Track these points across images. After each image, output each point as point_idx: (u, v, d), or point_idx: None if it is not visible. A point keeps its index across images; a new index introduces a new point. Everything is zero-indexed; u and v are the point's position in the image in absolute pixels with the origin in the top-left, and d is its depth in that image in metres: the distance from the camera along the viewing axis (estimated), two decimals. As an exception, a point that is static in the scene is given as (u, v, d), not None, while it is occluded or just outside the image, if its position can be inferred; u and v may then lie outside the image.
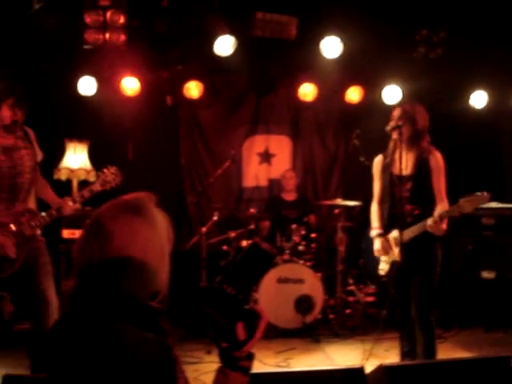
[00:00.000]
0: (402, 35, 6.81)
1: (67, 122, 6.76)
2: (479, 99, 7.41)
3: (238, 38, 6.54)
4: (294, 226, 6.59)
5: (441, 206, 4.13)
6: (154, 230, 1.66)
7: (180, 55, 7.03)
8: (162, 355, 1.54)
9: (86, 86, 6.77)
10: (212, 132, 7.83)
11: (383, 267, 4.41)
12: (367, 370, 2.82)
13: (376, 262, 4.50)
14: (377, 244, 4.44)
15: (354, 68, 7.26)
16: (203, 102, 7.58)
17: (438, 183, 4.19)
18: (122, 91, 7.00)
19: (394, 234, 4.21)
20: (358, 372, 2.79)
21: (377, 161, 4.51)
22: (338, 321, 6.41)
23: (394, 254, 4.26)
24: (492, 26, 6.53)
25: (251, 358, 1.69)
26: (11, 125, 4.10)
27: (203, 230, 6.36)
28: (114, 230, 1.60)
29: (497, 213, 6.45)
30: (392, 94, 7.30)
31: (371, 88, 7.50)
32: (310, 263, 6.49)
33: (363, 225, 5.05)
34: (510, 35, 6.50)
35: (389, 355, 5.21)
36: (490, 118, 7.37)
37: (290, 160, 8.05)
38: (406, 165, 4.19)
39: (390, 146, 4.36)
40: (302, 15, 6.59)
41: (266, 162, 7.99)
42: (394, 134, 4.25)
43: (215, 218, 6.57)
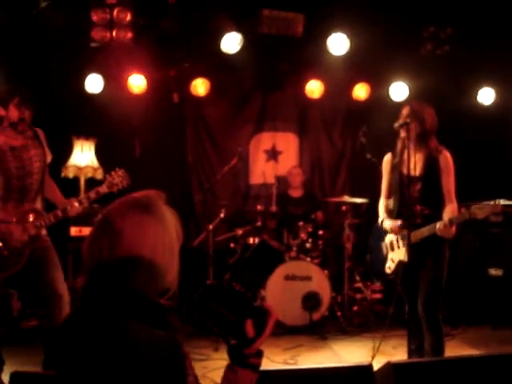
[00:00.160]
0: (409, 32, 6.79)
1: (74, 119, 6.77)
2: (487, 96, 7.39)
3: (244, 35, 6.53)
4: (300, 223, 6.59)
5: (450, 207, 4.12)
6: (163, 228, 1.67)
7: (186, 53, 7.04)
8: (171, 352, 1.54)
9: (93, 83, 6.78)
10: (219, 129, 7.84)
11: (390, 265, 4.41)
12: (374, 368, 2.82)
13: (383, 258, 4.49)
14: (387, 224, 4.37)
15: (360, 65, 7.25)
16: (210, 99, 7.59)
17: (447, 183, 4.17)
18: (128, 89, 7.01)
19: (404, 234, 4.18)
20: (367, 369, 2.78)
21: (386, 160, 4.49)
22: (345, 318, 6.41)
23: (402, 253, 4.24)
24: (499, 22, 6.51)
25: (260, 355, 1.70)
26: (18, 122, 4.12)
27: (210, 228, 6.37)
28: (123, 227, 1.61)
29: (505, 210, 6.42)
30: (399, 90, 7.29)
31: (378, 85, 7.49)
32: (317, 260, 6.50)
33: (370, 222, 5.04)
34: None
35: (396, 352, 5.21)
36: (497, 115, 7.33)
37: (297, 157, 8.05)
38: (415, 165, 4.18)
39: (399, 145, 4.34)
40: (308, 12, 6.58)
41: (272, 159, 7.99)
42: (402, 132, 4.23)
43: (222, 215, 6.59)
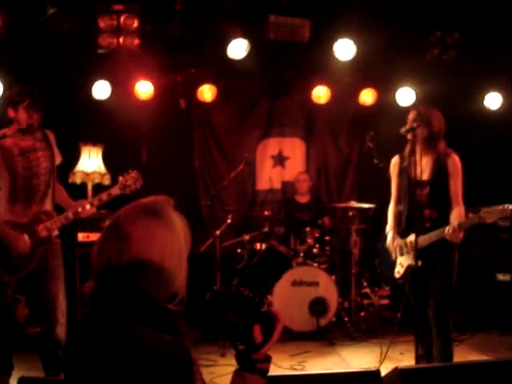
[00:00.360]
0: (416, 37, 6.78)
1: (82, 125, 6.79)
2: (493, 100, 7.37)
3: (251, 41, 6.54)
4: (307, 229, 6.57)
5: (457, 211, 4.11)
6: (172, 233, 1.67)
7: (193, 59, 7.05)
8: (179, 357, 1.54)
9: (101, 89, 6.81)
10: (226, 135, 7.85)
11: (399, 270, 4.40)
12: (382, 373, 2.82)
13: (391, 264, 4.48)
14: (388, 238, 4.45)
15: (367, 70, 7.25)
16: (217, 105, 7.61)
17: (455, 187, 4.16)
18: (135, 95, 7.04)
19: (411, 238, 4.18)
20: (375, 375, 2.78)
21: (393, 162, 4.50)
22: (353, 324, 6.40)
23: (411, 258, 4.23)
24: (506, 26, 6.49)
25: (268, 360, 1.69)
26: (26, 128, 4.14)
27: (217, 233, 6.38)
28: (132, 232, 1.61)
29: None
30: (406, 96, 7.29)
31: (385, 90, 7.49)
32: (324, 266, 6.48)
33: (377, 227, 5.04)
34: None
35: (404, 358, 5.19)
36: (504, 119, 7.31)
37: (304, 162, 8.05)
38: (423, 169, 4.17)
39: (407, 149, 4.34)
40: (315, 18, 6.57)
41: (279, 164, 7.99)
42: (409, 136, 4.24)
43: (229, 220, 6.60)
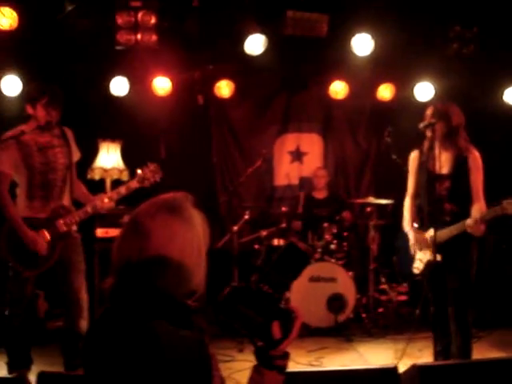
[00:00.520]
0: (435, 32, 6.72)
1: (100, 122, 6.83)
2: (513, 95, 7.30)
3: (268, 36, 6.52)
4: (325, 225, 6.56)
5: (478, 206, 4.08)
6: (191, 230, 1.67)
7: (211, 55, 7.05)
8: (198, 353, 1.55)
9: (119, 86, 6.84)
10: (243, 131, 7.85)
11: (418, 265, 4.37)
12: (400, 370, 2.81)
13: (409, 259, 4.46)
14: (411, 238, 4.42)
15: (385, 65, 7.19)
16: (234, 101, 7.61)
17: (476, 182, 4.14)
18: (153, 91, 7.06)
19: (431, 232, 4.15)
20: (392, 372, 2.78)
21: (413, 157, 4.48)
22: (371, 320, 6.37)
23: (430, 253, 4.21)
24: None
25: (287, 356, 1.69)
26: (45, 125, 4.18)
27: (235, 229, 6.39)
28: (152, 228, 1.62)
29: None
30: (424, 91, 7.22)
31: (403, 85, 7.44)
32: (341, 262, 6.47)
33: (396, 223, 5.01)
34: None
35: (422, 355, 5.16)
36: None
37: (322, 158, 8.02)
38: (443, 163, 4.15)
39: (426, 144, 4.32)
40: (332, 13, 6.55)
41: (297, 160, 7.97)
42: (428, 132, 4.21)
43: (247, 216, 6.60)
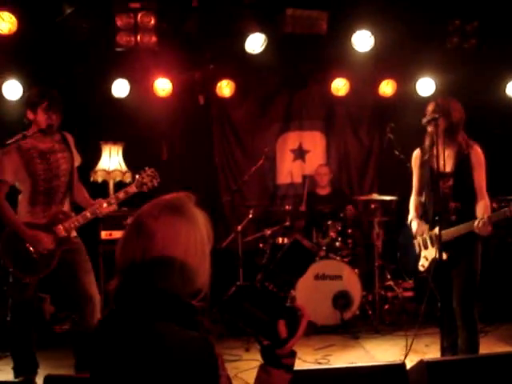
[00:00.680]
0: (435, 26, 6.69)
1: (101, 124, 6.84)
2: (515, 89, 7.28)
3: (268, 35, 6.52)
4: (329, 222, 6.55)
5: (482, 203, 4.07)
6: (195, 230, 1.67)
7: (211, 55, 7.05)
8: (204, 353, 1.54)
9: (119, 88, 6.85)
10: (245, 130, 7.84)
11: (423, 263, 4.35)
12: (407, 366, 2.80)
13: (413, 256, 4.45)
14: (414, 226, 4.41)
15: (386, 61, 7.17)
16: (235, 100, 7.61)
17: (479, 179, 4.12)
18: (154, 92, 7.06)
19: (436, 231, 4.14)
20: (400, 368, 2.77)
21: (415, 156, 4.46)
22: (377, 317, 6.36)
23: (436, 251, 4.19)
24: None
25: (293, 355, 1.69)
26: (47, 129, 4.19)
27: (239, 228, 6.39)
28: (156, 229, 1.61)
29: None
30: (426, 86, 7.21)
31: (404, 81, 7.42)
32: (347, 259, 6.45)
33: (400, 219, 5.00)
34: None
35: (429, 351, 5.16)
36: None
37: (324, 156, 8.01)
38: (445, 161, 4.13)
39: (427, 141, 4.30)
40: (332, 10, 6.54)
41: (299, 158, 7.96)
42: (430, 127, 4.19)
43: (250, 215, 6.59)
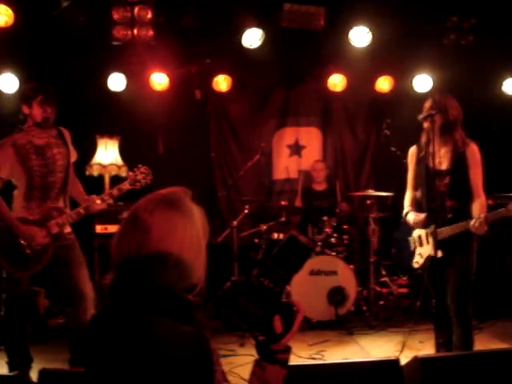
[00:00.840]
0: (432, 22, 6.69)
1: (98, 118, 6.82)
2: (512, 86, 7.29)
3: (265, 30, 6.50)
4: (325, 218, 6.54)
5: (478, 202, 4.06)
6: (190, 224, 1.66)
7: (208, 49, 7.03)
8: (199, 348, 1.54)
9: (116, 82, 6.84)
10: (242, 125, 7.84)
11: (418, 260, 4.35)
12: (402, 362, 2.80)
13: (408, 252, 4.45)
14: (411, 217, 4.33)
15: (383, 57, 7.17)
16: (232, 95, 7.60)
17: (475, 177, 4.09)
18: (151, 86, 7.05)
19: (432, 229, 4.14)
20: (394, 364, 2.77)
21: (411, 153, 4.43)
22: (372, 313, 6.37)
23: (431, 248, 4.19)
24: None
25: (289, 350, 1.69)
26: (43, 122, 4.18)
27: (234, 224, 6.39)
28: (151, 223, 1.61)
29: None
30: (423, 82, 7.21)
31: (401, 77, 7.42)
32: (342, 255, 6.46)
33: (396, 215, 5.00)
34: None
35: (423, 347, 5.16)
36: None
37: (321, 151, 8.01)
38: (442, 159, 4.12)
39: (423, 138, 4.28)
40: (329, 5, 6.52)
41: (296, 154, 7.97)
42: (426, 124, 4.18)
43: (246, 211, 6.59)
